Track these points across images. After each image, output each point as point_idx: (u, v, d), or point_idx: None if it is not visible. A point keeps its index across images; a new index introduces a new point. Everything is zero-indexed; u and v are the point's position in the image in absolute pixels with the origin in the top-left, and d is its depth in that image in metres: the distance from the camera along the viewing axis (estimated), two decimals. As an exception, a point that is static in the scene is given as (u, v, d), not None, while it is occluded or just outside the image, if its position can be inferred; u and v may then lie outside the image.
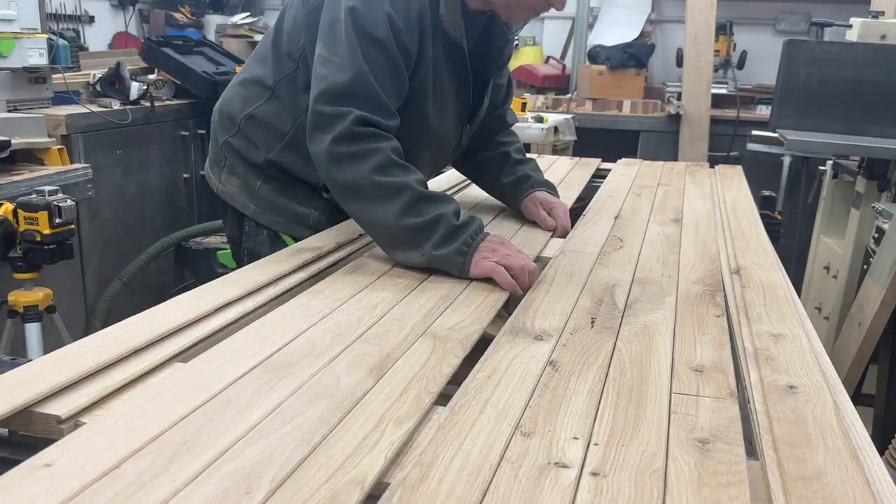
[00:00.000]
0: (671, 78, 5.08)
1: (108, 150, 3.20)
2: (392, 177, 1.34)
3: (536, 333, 1.08)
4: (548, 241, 1.62)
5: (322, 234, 1.55)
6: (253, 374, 0.91)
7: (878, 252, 2.18)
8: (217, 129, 1.68)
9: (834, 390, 0.95)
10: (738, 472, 0.74)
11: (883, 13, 3.61)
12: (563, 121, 3.61)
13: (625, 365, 0.99)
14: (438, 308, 1.17)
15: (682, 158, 4.47)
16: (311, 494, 0.67)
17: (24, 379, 0.84)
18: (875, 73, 2.97)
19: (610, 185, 2.26)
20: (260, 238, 1.64)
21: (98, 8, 4.99)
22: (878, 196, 2.76)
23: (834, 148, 2.97)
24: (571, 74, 5.26)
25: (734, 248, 1.59)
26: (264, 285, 1.23)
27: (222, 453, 0.73)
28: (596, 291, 1.28)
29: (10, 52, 2.71)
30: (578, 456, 0.76)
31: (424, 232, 1.33)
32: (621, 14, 5.17)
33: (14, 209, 2.13)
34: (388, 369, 0.94)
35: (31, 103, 2.98)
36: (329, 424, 0.80)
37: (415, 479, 0.71)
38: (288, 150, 1.57)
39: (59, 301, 2.42)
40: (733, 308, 1.24)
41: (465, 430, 0.80)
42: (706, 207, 1.96)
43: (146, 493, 0.66)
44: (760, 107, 4.67)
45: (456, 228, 1.33)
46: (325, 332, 1.05)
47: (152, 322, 1.03)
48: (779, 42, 3.24)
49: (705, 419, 0.85)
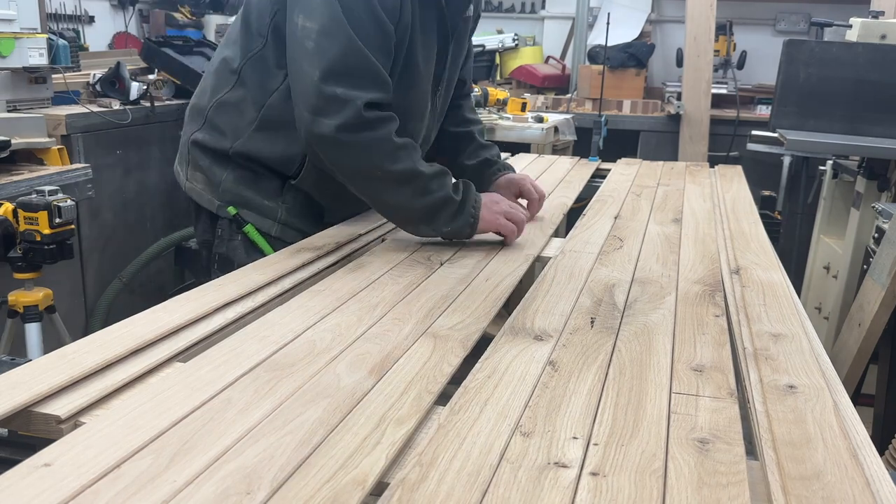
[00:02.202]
0: (671, 78, 5.08)
1: (108, 150, 3.20)
2: (401, 163, 1.40)
3: (536, 333, 1.08)
4: (547, 242, 1.62)
5: (322, 234, 1.55)
6: (253, 373, 0.91)
7: (878, 252, 2.18)
8: (186, 126, 1.64)
9: (834, 390, 0.95)
10: (738, 472, 0.74)
11: (883, 13, 3.61)
12: (563, 121, 3.61)
13: (625, 365, 0.99)
14: (439, 308, 1.17)
15: (682, 158, 4.47)
16: (312, 495, 0.67)
17: (23, 379, 0.84)
18: (875, 73, 2.97)
19: (610, 185, 2.26)
20: (234, 243, 1.57)
21: (98, 8, 4.99)
22: (878, 196, 2.76)
23: (834, 148, 2.97)
24: (571, 74, 5.26)
25: (734, 248, 1.59)
26: (264, 285, 1.23)
27: (223, 453, 0.73)
28: (596, 291, 1.28)
29: (10, 52, 2.71)
30: (578, 456, 0.76)
31: (435, 212, 1.45)
32: (621, 13, 5.17)
33: (14, 209, 2.13)
34: (388, 369, 0.94)
35: (31, 103, 2.98)
36: (330, 424, 0.80)
37: (414, 479, 0.71)
38: (258, 134, 1.52)
39: (59, 301, 2.42)
40: (733, 308, 1.24)
41: (464, 430, 0.80)
42: (706, 207, 1.96)
43: (146, 493, 0.66)
44: (760, 107, 4.67)
45: (460, 204, 1.46)
46: (325, 332, 1.05)
47: (152, 322, 1.03)
48: (779, 42, 3.24)
49: (705, 419, 0.85)
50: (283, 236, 1.57)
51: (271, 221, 1.56)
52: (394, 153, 1.39)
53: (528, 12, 5.62)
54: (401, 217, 1.50)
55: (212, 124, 1.57)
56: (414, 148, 1.45)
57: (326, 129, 1.36)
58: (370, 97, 1.36)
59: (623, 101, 4.71)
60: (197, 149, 1.59)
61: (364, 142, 1.37)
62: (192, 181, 1.61)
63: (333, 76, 1.35)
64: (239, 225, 1.55)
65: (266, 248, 1.54)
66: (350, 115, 1.35)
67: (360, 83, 1.36)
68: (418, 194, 1.42)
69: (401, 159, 1.40)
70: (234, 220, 1.56)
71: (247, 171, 1.55)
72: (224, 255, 1.58)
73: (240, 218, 1.55)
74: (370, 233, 1.59)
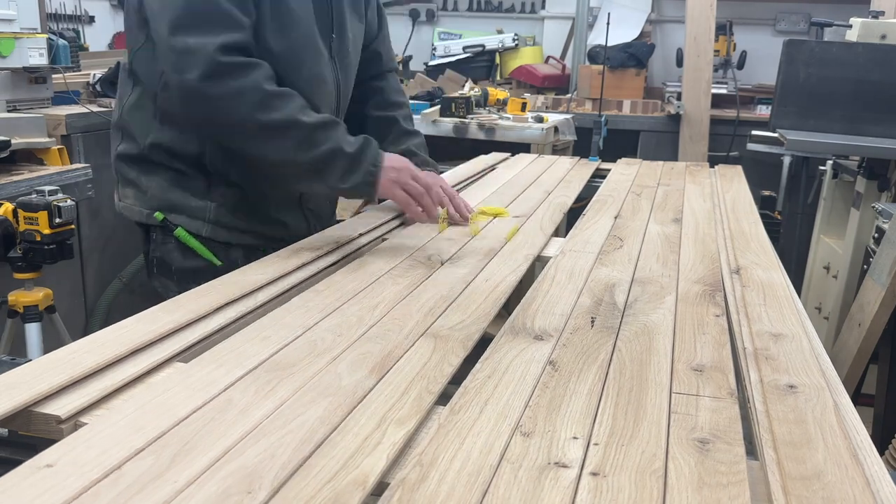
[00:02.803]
0: (671, 78, 5.08)
1: (108, 150, 3.17)
2: (275, 112, 1.31)
3: (536, 333, 1.09)
4: (547, 242, 1.62)
5: (322, 234, 1.55)
6: (254, 374, 0.91)
7: (878, 252, 2.18)
8: (111, 145, 1.60)
9: (834, 390, 0.95)
10: (738, 472, 0.74)
11: (883, 13, 3.62)
12: (563, 121, 3.61)
13: (625, 365, 0.99)
14: (439, 307, 1.17)
15: (682, 158, 4.47)
16: (314, 495, 0.67)
17: (24, 379, 0.84)
18: (875, 73, 2.97)
19: (610, 184, 2.26)
20: (168, 247, 1.54)
21: (98, 8, 4.99)
22: (878, 196, 2.76)
23: (834, 148, 2.97)
24: (571, 74, 5.26)
25: (734, 248, 1.59)
26: (264, 285, 1.23)
27: (224, 453, 0.73)
28: (596, 291, 1.28)
29: (10, 52, 2.71)
30: (578, 456, 0.76)
31: (323, 166, 1.34)
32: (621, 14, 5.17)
33: (14, 209, 2.13)
34: (389, 369, 0.94)
35: (31, 103, 2.98)
36: (331, 424, 0.80)
37: (414, 479, 0.71)
38: (164, 126, 1.48)
39: (59, 301, 2.42)
40: (733, 308, 1.24)
41: (465, 430, 0.80)
42: (706, 207, 1.96)
43: (148, 493, 0.66)
44: (760, 107, 4.67)
45: (354, 158, 1.35)
46: (325, 332, 1.05)
47: (152, 322, 1.03)
48: (779, 42, 3.24)
49: (705, 419, 0.85)
50: (215, 236, 1.53)
51: (201, 222, 1.52)
52: (266, 101, 1.31)
53: (528, 12, 5.62)
54: (288, 174, 1.40)
55: (126, 133, 1.54)
56: (292, 96, 1.35)
57: (189, 83, 1.29)
58: (222, 40, 1.29)
59: (623, 101, 4.71)
60: (121, 162, 1.56)
61: (230, 92, 1.29)
62: (123, 199, 1.58)
63: (182, 28, 1.29)
64: (170, 230, 1.52)
65: (200, 250, 1.51)
66: (205, 63, 1.28)
67: (209, 28, 1.29)
68: (302, 147, 1.33)
69: (275, 108, 1.31)
70: (163, 226, 1.52)
71: (171, 172, 1.51)
72: (160, 258, 1.55)
73: (168, 222, 1.51)
74: (370, 232, 1.59)
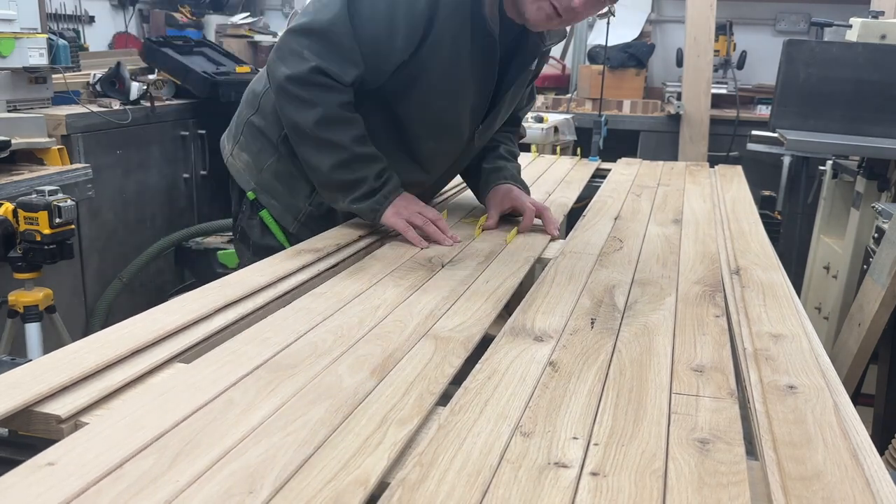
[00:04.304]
0: (671, 78, 5.07)
1: (108, 150, 3.20)
2: (331, 133, 1.47)
3: (536, 334, 1.09)
4: (547, 244, 1.62)
5: (322, 235, 1.55)
6: (255, 374, 0.91)
7: (878, 252, 2.18)
8: (243, 105, 1.72)
9: (834, 390, 0.95)
10: (738, 472, 0.74)
11: (883, 13, 3.61)
12: (563, 121, 3.61)
13: (625, 365, 0.99)
14: (440, 309, 1.17)
15: (682, 158, 4.47)
16: (314, 495, 0.67)
17: (24, 379, 0.84)
18: (875, 73, 2.97)
19: (610, 185, 2.26)
20: (252, 222, 1.67)
21: (98, 8, 4.99)
22: (878, 196, 2.76)
23: (834, 148, 2.97)
24: (571, 74, 5.26)
25: (734, 248, 1.59)
26: (265, 286, 1.23)
27: (225, 453, 0.73)
28: (596, 292, 1.28)
29: (10, 52, 2.71)
30: (578, 456, 0.76)
31: (349, 187, 1.51)
32: (621, 14, 5.17)
33: (14, 209, 2.13)
34: (390, 370, 0.95)
35: (31, 103, 2.98)
36: (332, 425, 0.80)
37: (415, 479, 0.71)
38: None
39: (59, 301, 2.42)
40: (733, 308, 1.24)
41: (465, 430, 0.80)
42: (706, 207, 1.96)
43: (149, 492, 0.66)
44: (760, 107, 4.67)
45: (375, 189, 1.52)
46: (326, 334, 1.05)
47: (153, 322, 1.03)
48: (779, 42, 3.24)
49: (705, 419, 0.85)
50: (300, 234, 1.63)
51: (291, 218, 1.64)
52: (330, 120, 1.46)
53: (527, 12, 5.61)
54: (317, 180, 1.55)
55: (264, 111, 1.64)
56: (354, 123, 1.49)
57: (280, 74, 1.45)
58: (326, 66, 1.42)
59: (623, 101, 4.71)
60: (250, 131, 1.67)
61: (306, 98, 1.44)
62: (236, 159, 1.69)
63: (306, 33, 1.44)
64: (257, 208, 1.65)
65: (278, 234, 1.65)
66: (299, 70, 1.43)
67: (322, 51, 1.42)
68: (339, 167, 1.49)
69: (335, 130, 1.46)
70: (253, 202, 1.65)
71: (289, 166, 1.61)
72: (244, 229, 1.70)
73: (257, 203, 1.65)
74: (371, 234, 1.59)
